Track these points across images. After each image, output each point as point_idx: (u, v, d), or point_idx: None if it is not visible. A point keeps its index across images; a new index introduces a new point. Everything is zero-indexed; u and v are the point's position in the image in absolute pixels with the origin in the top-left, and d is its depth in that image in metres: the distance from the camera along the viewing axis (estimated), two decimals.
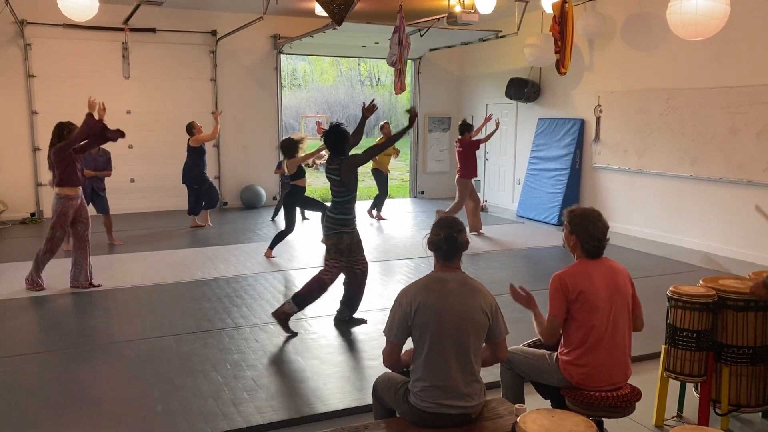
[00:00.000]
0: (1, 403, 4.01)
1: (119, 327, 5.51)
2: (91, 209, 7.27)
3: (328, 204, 5.53)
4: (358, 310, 5.65)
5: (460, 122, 9.82)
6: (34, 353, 4.85)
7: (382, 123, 11.24)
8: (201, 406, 3.96)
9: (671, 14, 6.43)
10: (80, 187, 6.45)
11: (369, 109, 5.45)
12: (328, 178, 5.29)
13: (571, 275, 3.19)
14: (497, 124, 10.13)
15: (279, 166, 10.76)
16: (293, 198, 8.00)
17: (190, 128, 9.62)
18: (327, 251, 5.34)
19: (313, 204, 8.48)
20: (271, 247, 8.10)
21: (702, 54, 8.37)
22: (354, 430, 2.86)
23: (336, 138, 5.19)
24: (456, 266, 2.97)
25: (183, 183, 9.76)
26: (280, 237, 8.04)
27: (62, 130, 6.35)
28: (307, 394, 4.16)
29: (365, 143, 8.09)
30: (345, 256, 5.30)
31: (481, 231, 9.69)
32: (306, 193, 8.33)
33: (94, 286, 6.62)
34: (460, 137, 9.56)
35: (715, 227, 8.39)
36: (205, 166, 9.80)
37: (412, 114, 5.38)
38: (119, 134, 6.36)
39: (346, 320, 5.53)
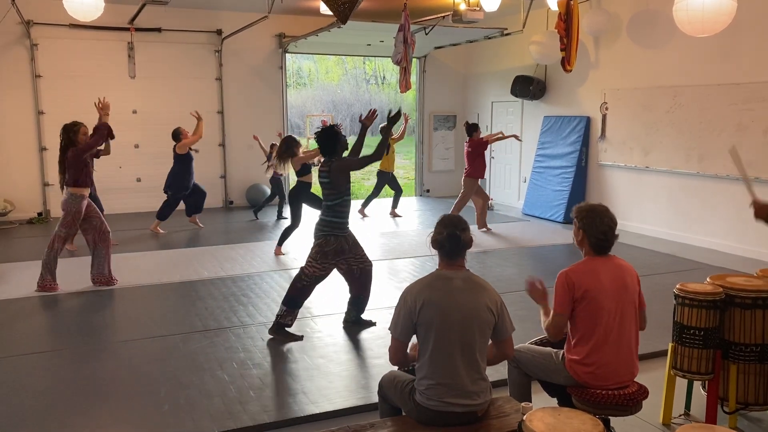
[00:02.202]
0: (8, 402, 4.03)
1: (126, 326, 5.53)
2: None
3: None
4: (365, 309, 5.62)
5: (465, 124, 9.78)
6: (41, 352, 4.88)
7: (381, 125, 11.23)
8: (207, 404, 3.97)
9: (678, 11, 6.41)
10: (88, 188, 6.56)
11: (368, 118, 5.36)
12: (319, 180, 5.15)
13: (577, 273, 3.17)
14: (517, 138, 10.13)
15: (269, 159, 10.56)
16: (299, 194, 8.01)
17: (177, 135, 9.22)
18: (311, 251, 5.15)
19: (317, 203, 8.41)
20: (280, 243, 8.18)
21: (709, 50, 8.33)
22: (360, 429, 2.86)
23: (326, 138, 5.06)
24: (460, 264, 2.96)
25: (164, 191, 9.37)
26: (287, 233, 8.11)
27: (68, 132, 6.45)
28: (314, 392, 4.16)
29: (370, 142, 8.06)
30: (330, 259, 5.10)
31: (488, 228, 9.71)
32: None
33: (115, 280, 6.72)
34: (469, 138, 9.54)
35: (723, 225, 8.35)
36: (191, 175, 9.41)
37: (394, 115, 5.35)
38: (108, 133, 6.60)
39: (354, 321, 5.50)
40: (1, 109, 10.56)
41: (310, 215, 8.90)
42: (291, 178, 11.16)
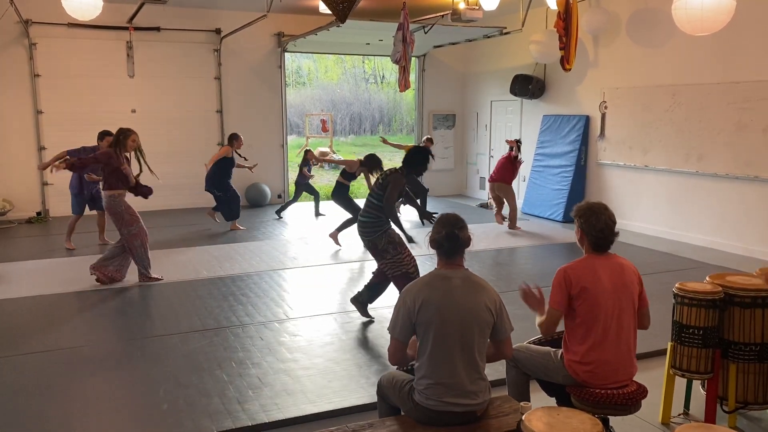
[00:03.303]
0: (7, 402, 4.03)
1: (124, 325, 5.52)
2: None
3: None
4: (369, 307, 5.64)
5: (518, 141, 9.96)
6: (39, 352, 4.87)
7: (426, 137, 11.34)
8: (206, 404, 3.97)
9: (677, 9, 6.40)
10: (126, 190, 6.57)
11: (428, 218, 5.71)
12: (377, 181, 5.42)
13: (575, 269, 3.17)
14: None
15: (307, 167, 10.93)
16: (345, 192, 8.74)
17: (233, 139, 9.42)
18: (385, 251, 5.27)
19: (352, 207, 8.71)
20: (339, 230, 8.53)
21: (708, 49, 8.33)
22: (359, 429, 2.85)
23: (419, 157, 5.35)
24: (459, 263, 2.95)
25: (205, 190, 9.61)
26: (348, 224, 8.44)
27: (118, 135, 6.49)
28: (312, 392, 4.16)
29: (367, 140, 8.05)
30: (405, 246, 5.34)
31: (507, 222, 9.88)
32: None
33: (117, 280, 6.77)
34: (509, 151, 9.74)
35: (722, 223, 8.35)
36: (230, 176, 9.59)
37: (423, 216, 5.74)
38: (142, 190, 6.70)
39: (361, 303, 5.54)
40: (0, 109, 10.54)
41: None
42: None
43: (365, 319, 5.56)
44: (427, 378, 2.85)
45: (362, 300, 5.55)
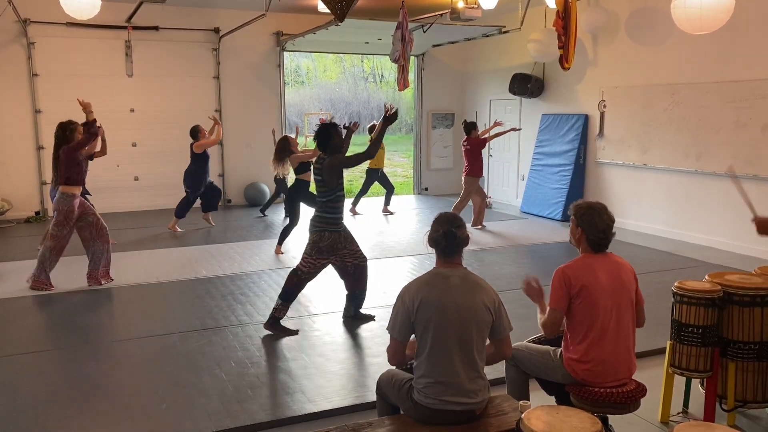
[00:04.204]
0: (6, 402, 4.02)
1: (123, 325, 5.52)
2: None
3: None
4: (363, 304, 5.64)
5: (463, 122, 9.81)
6: (39, 351, 4.87)
7: (370, 125, 11.24)
8: (205, 403, 3.96)
9: (675, 8, 6.40)
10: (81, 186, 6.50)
11: (392, 117, 5.34)
12: (314, 177, 5.27)
13: (573, 269, 3.17)
14: (498, 124, 10.05)
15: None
16: (297, 192, 8.06)
17: (195, 132, 9.27)
18: (306, 246, 5.24)
19: (314, 201, 8.27)
20: (280, 243, 8.18)
21: (706, 48, 8.33)
22: (358, 428, 2.85)
23: (322, 135, 5.12)
24: (457, 262, 2.95)
25: (185, 190, 9.52)
26: (286, 231, 8.13)
27: (64, 130, 6.40)
28: (311, 391, 4.16)
29: (359, 139, 8.02)
30: (326, 255, 5.17)
31: (483, 226, 9.78)
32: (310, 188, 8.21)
33: (110, 279, 6.71)
34: (467, 136, 9.53)
35: (721, 222, 8.35)
36: (207, 173, 9.49)
37: (389, 113, 5.33)
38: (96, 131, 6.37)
39: (352, 316, 5.52)
40: None
41: (309, 213, 8.85)
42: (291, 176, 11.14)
43: (365, 319, 5.55)
44: (426, 377, 2.85)
45: (351, 313, 5.52)
